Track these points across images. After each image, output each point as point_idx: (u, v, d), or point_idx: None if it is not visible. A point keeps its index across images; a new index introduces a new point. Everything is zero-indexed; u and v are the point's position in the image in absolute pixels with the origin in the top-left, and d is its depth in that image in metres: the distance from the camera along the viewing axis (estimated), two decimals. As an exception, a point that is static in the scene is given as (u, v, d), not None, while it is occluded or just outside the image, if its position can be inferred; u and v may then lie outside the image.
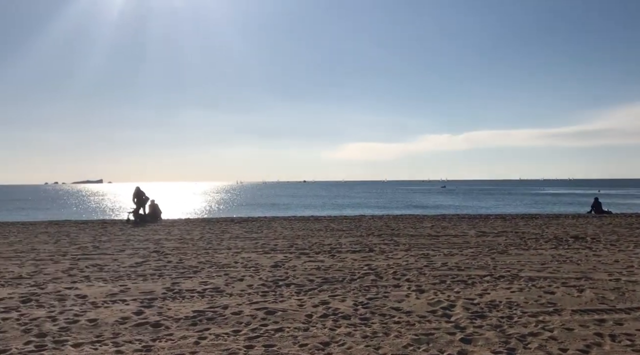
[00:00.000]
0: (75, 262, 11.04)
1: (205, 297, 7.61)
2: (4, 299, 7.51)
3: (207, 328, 6.01)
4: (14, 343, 5.48)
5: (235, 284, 8.59)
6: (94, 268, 10.27)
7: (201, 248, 13.38)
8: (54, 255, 12.17)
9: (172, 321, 6.29)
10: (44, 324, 6.20)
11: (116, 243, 14.72)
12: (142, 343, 5.47)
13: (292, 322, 6.24)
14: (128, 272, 9.72)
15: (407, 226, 19.62)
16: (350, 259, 11.23)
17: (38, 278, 9.23)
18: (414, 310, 6.80)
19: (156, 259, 11.49)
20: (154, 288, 8.24)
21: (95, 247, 13.71)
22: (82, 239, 16.00)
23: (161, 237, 16.35)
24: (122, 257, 11.75)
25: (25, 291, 8.08)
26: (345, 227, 19.33)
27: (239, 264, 10.71)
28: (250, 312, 6.69)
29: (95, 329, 6.00)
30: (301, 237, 15.84)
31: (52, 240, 15.67)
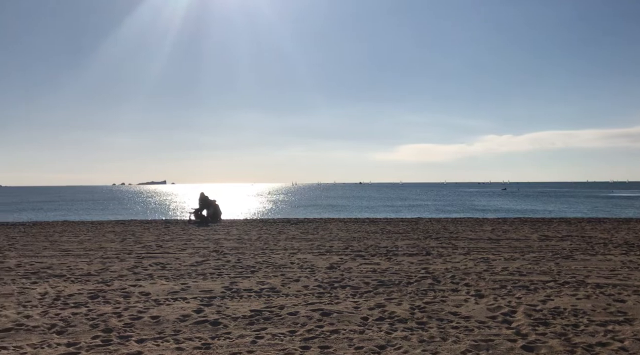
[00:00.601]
0: (140, 261, 11.50)
1: (262, 297, 7.72)
2: (74, 295, 7.92)
3: (264, 328, 6.10)
4: (83, 337, 5.76)
5: (291, 284, 8.68)
6: (157, 266, 10.66)
7: (258, 248, 13.60)
8: (120, 254, 12.72)
9: (230, 320, 6.43)
10: (110, 319, 6.48)
11: (178, 242, 15.21)
12: (201, 341, 5.62)
13: (347, 324, 6.23)
14: (189, 271, 10.02)
15: (466, 229, 19.17)
16: (407, 262, 11.09)
17: (105, 275, 9.67)
18: (472, 315, 6.63)
19: (215, 258, 11.78)
20: (213, 287, 8.45)
21: (159, 246, 14.22)
22: (146, 237, 16.64)
23: (220, 237, 16.75)
24: (184, 256, 12.13)
25: (93, 288, 8.49)
26: (402, 230, 19.12)
27: (295, 264, 10.81)
28: (306, 313, 6.73)
29: (157, 325, 6.22)
30: (357, 239, 15.80)
31: (119, 239, 16.39)
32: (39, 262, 11.27)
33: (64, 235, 17.58)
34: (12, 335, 5.83)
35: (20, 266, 10.76)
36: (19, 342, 5.58)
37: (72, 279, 9.25)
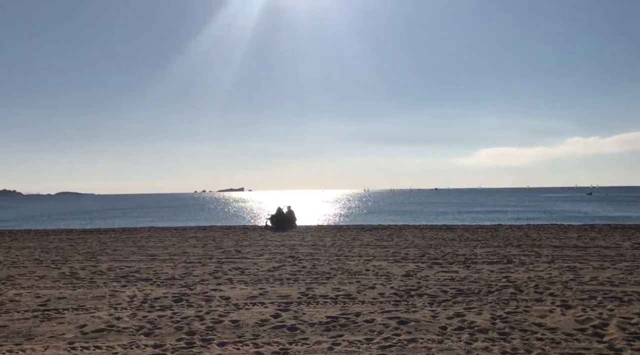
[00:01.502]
0: (220, 265, 11.90)
1: (338, 304, 7.74)
2: (160, 298, 8.32)
3: (341, 334, 6.11)
4: (168, 339, 6.03)
5: (366, 291, 8.64)
6: (236, 271, 10.98)
7: (333, 254, 13.66)
8: (201, 259, 13.23)
9: (307, 325, 6.49)
10: (193, 322, 6.75)
11: (255, 248, 15.60)
12: (279, 345, 5.71)
13: (425, 333, 6.11)
14: (266, 276, 10.24)
15: (550, 236, 18.25)
16: (487, 271, 10.72)
17: (188, 279, 10.09)
18: (559, 327, 6.29)
19: (291, 264, 11.97)
20: (289, 292, 8.58)
21: (237, 251, 14.65)
22: (226, 243, 17.20)
23: (296, 242, 17.00)
24: (261, 261, 12.42)
25: (177, 291, 8.87)
26: (481, 237, 18.51)
27: (370, 271, 10.76)
28: (382, 321, 6.67)
29: (237, 329, 6.40)
30: (433, 247, 15.48)
31: (200, 244, 17.06)
32: (128, 267, 11.95)
33: (150, 241, 18.54)
34: (105, 335, 6.21)
35: (111, 270, 11.45)
36: (111, 342, 5.93)
37: (158, 283, 9.73)
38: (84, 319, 7.00)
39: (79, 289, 9.19)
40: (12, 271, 11.50)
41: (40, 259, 13.62)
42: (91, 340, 5.99)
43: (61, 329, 6.52)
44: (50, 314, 7.30)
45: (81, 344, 5.87)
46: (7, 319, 7.04)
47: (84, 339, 6.07)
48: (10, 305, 7.93)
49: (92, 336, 6.17)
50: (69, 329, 6.50)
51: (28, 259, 13.82)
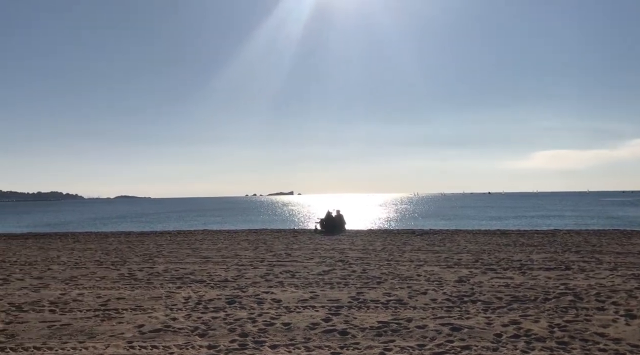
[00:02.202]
0: (271, 268, 12.04)
1: (389, 309, 7.68)
2: (213, 300, 8.50)
3: (392, 340, 6.05)
4: (222, 340, 6.15)
5: (418, 297, 8.52)
6: (287, 274, 11.08)
7: (383, 259, 13.56)
8: (253, 261, 13.43)
9: (358, 330, 6.47)
10: (246, 324, 6.86)
11: (305, 251, 15.69)
12: (330, 350, 5.72)
13: (479, 341, 5.97)
14: (316, 280, 10.28)
15: (612, 242, 17.44)
16: (544, 277, 10.36)
17: (240, 282, 10.26)
18: (623, 337, 5.99)
19: (341, 268, 11.96)
20: (340, 296, 8.58)
21: (288, 255, 14.78)
22: (276, 246, 17.40)
23: (345, 246, 16.98)
24: (311, 265, 12.48)
25: (230, 293, 9.05)
26: (537, 242, 17.91)
27: (421, 277, 10.61)
28: (434, 327, 6.56)
29: (289, 332, 6.46)
30: (487, 252, 15.10)
31: (252, 247, 17.32)
32: (183, 268, 12.28)
33: (203, 243, 18.99)
34: (162, 335, 6.41)
35: (167, 271, 11.81)
36: (167, 342, 6.11)
37: (211, 285, 9.95)
38: (142, 319, 7.25)
39: (137, 290, 9.52)
40: (75, 272, 12.05)
41: (101, 261, 14.20)
42: (149, 340, 6.19)
43: (120, 328, 6.77)
44: (110, 314, 7.59)
45: (139, 343, 6.07)
46: (71, 318, 7.38)
47: (142, 338, 6.28)
48: (73, 304, 8.31)
49: (149, 336, 6.38)
50: (128, 328, 6.74)
51: (89, 260, 14.44)
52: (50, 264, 13.66)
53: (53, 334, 6.54)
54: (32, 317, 7.43)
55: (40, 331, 6.65)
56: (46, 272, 12.10)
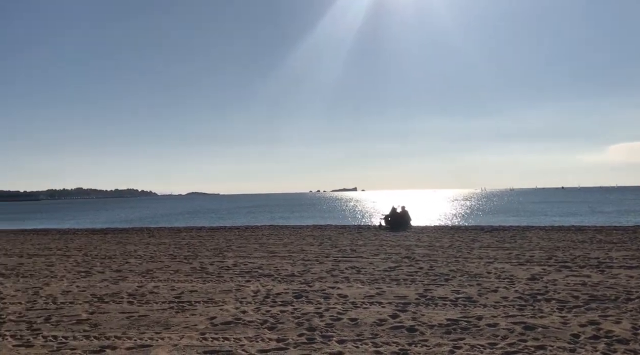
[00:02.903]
0: (337, 264, 12.10)
1: (458, 306, 7.52)
2: (281, 294, 8.65)
3: (462, 338, 5.92)
4: (290, 334, 6.25)
5: (488, 294, 8.29)
6: (352, 270, 11.10)
7: (451, 256, 13.29)
8: (318, 257, 13.55)
9: (427, 327, 6.38)
10: (313, 319, 6.93)
11: (370, 247, 15.64)
12: (398, 346, 5.68)
13: (555, 341, 5.72)
14: (382, 276, 10.22)
15: (701, 239, 16.20)
16: (625, 276, 9.78)
17: (307, 276, 10.38)
18: None
19: (408, 264, 11.83)
20: (407, 293, 8.49)
21: (353, 251, 14.80)
22: (341, 242, 17.46)
23: (411, 243, 16.78)
24: (377, 261, 12.43)
25: (297, 288, 9.17)
26: (616, 239, 16.94)
27: (491, 274, 10.31)
28: (506, 326, 6.36)
29: (356, 328, 6.47)
30: (561, 249, 14.45)
31: (317, 242, 17.48)
32: (251, 263, 12.58)
33: (270, 239, 19.37)
34: (232, 328, 6.59)
35: (236, 266, 12.13)
36: (238, 334, 6.28)
37: (278, 279, 10.13)
38: (214, 311, 7.49)
39: (208, 283, 9.85)
40: (151, 265, 12.63)
41: (174, 255, 14.80)
42: (220, 332, 6.39)
43: (194, 320, 7.03)
44: (184, 306, 7.90)
45: (211, 335, 6.28)
46: (148, 309, 7.74)
47: (214, 330, 6.49)
48: (150, 296, 8.72)
49: (221, 328, 6.58)
50: (201, 320, 6.99)
51: (164, 254, 15.09)
52: (127, 257, 14.39)
53: (132, 324, 6.89)
54: (113, 308, 7.86)
55: (120, 321, 7.03)
56: (124, 265, 12.77)
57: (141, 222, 42.60)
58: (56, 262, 13.53)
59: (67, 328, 6.71)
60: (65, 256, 15.04)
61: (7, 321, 7.12)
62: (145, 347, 5.86)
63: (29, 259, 14.36)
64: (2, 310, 7.78)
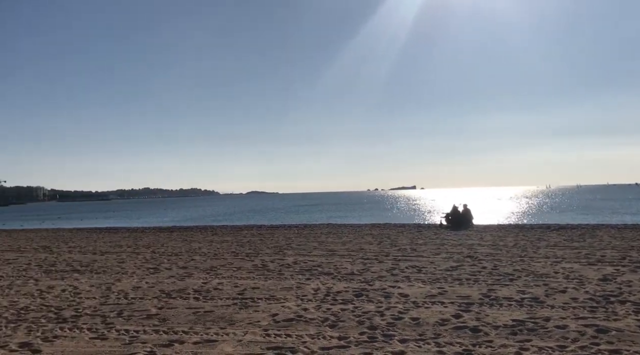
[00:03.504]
0: (397, 263, 12.00)
1: (524, 307, 7.28)
2: (341, 292, 8.69)
3: (529, 339, 5.74)
4: (351, 332, 6.27)
5: (556, 295, 7.98)
6: (413, 269, 10.98)
7: (516, 255, 12.88)
8: (378, 255, 13.49)
9: (491, 328, 6.23)
10: (374, 317, 6.91)
11: (431, 246, 15.41)
12: (462, 346, 5.57)
13: (631, 345, 5.44)
14: (444, 275, 10.05)
15: None
16: None
17: (366, 275, 10.37)
18: None
19: (470, 264, 11.57)
20: (470, 293, 8.31)
21: (413, 250, 14.62)
22: (401, 241, 17.30)
23: (474, 242, 16.39)
24: (438, 260, 12.23)
25: (356, 286, 9.18)
26: (698, 238, 15.85)
27: (559, 274, 9.91)
28: (576, 328, 6.10)
29: (417, 327, 6.40)
30: (636, 249, 13.68)
31: (376, 241, 17.40)
32: (311, 261, 12.70)
33: (329, 237, 19.47)
34: (294, 325, 6.69)
35: (296, 263, 12.28)
36: (300, 331, 6.36)
37: (338, 277, 10.17)
38: (276, 308, 7.63)
39: (270, 280, 10.03)
40: (215, 262, 13.00)
41: (237, 252, 15.17)
42: (282, 329, 6.50)
43: (257, 316, 7.19)
44: (247, 302, 8.09)
45: (274, 331, 6.40)
46: (213, 305, 7.98)
47: (276, 327, 6.61)
48: (214, 292, 8.98)
49: (283, 325, 6.69)
50: (264, 317, 7.14)
51: (227, 251, 15.49)
52: (193, 254, 14.89)
53: (198, 319, 7.12)
54: (180, 304, 8.16)
55: (187, 317, 7.28)
56: (190, 262, 13.21)
57: (204, 220, 43.90)
58: (126, 259, 14.20)
59: (138, 322, 7.03)
60: (134, 253, 15.75)
61: (84, 315, 7.54)
62: (211, 342, 6.05)
63: (102, 256, 15.14)
64: (79, 305, 8.25)
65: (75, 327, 6.86)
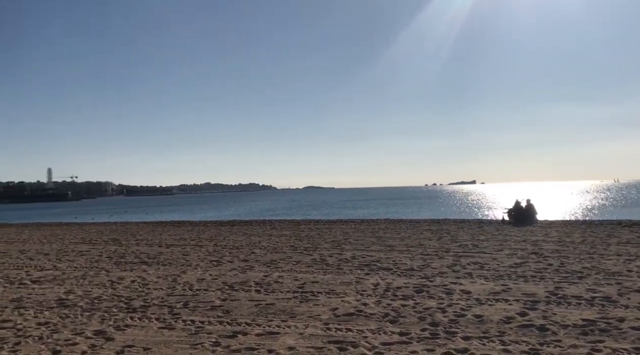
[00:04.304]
0: (457, 259, 11.76)
1: (595, 306, 6.97)
2: (401, 288, 8.61)
3: (601, 340, 5.49)
4: (413, 328, 6.21)
5: (630, 295, 7.58)
6: (475, 266, 10.73)
7: (584, 252, 12.33)
8: (438, 251, 13.27)
9: (559, 327, 6.00)
10: (435, 314, 6.82)
11: (493, 242, 15.00)
12: (528, 345, 5.40)
13: None
14: (508, 272, 9.77)
15: None
16: None
17: (426, 271, 10.23)
18: None
19: (535, 260, 11.18)
20: (535, 290, 8.04)
21: (474, 246, 14.28)
22: (461, 236, 16.94)
23: (538, 238, 15.82)
24: (501, 257, 11.89)
25: (416, 282, 9.07)
26: None
27: (633, 272, 9.41)
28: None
29: (481, 325, 6.26)
30: None
31: (435, 237, 17.12)
32: (369, 256, 12.67)
33: (387, 232, 19.33)
34: (354, 319, 6.70)
35: (355, 258, 12.28)
36: (360, 326, 6.37)
37: (398, 273, 10.09)
38: (335, 302, 7.66)
39: (329, 275, 10.09)
40: (274, 256, 13.21)
41: (295, 246, 15.35)
42: (343, 323, 6.52)
43: (317, 310, 7.25)
44: (307, 296, 8.17)
45: (335, 325, 6.43)
46: (274, 298, 8.12)
47: (336, 321, 6.64)
48: (275, 285, 9.13)
49: (343, 319, 6.72)
50: (324, 310, 7.19)
51: (285, 245, 15.71)
52: (253, 248, 15.19)
53: (260, 311, 7.27)
54: (242, 296, 8.35)
55: (249, 309, 7.45)
56: (250, 255, 13.49)
57: (263, 214, 44.68)
58: (190, 252, 14.67)
59: (203, 313, 7.26)
60: (198, 246, 16.25)
61: (152, 305, 7.86)
62: (273, 334, 6.16)
63: (167, 249, 15.72)
64: (147, 295, 8.61)
65: (145, 316, 7.17)
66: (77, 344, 5.93)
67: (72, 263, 12.94)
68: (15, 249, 17.06)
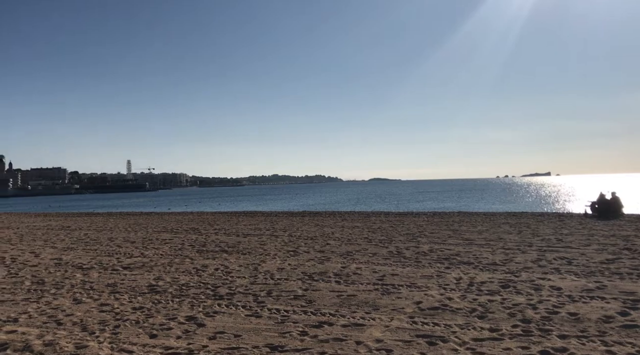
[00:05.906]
0: (542, 254, 11.27)
1: None
2: (486, 283, 8.35)
3: None
4: (503, 324, 5.99)
5: None
6: (561, 261, 10.23)
7: (684, 249, 11.44)
8: (520, 245, 12.77)
9: (667, 330, 5.59)
10: (526, 310, 6.55)
11: (579, 237, 14.26)
12: (635, 347, 5.07)
13: None
14: (600, 269, 9.24)
15: None
16: None
17: (510, 266, 9.86)
18: None
19: (629, 257, 10.51)
20: (635, 289, 7.54)
21: (558, 240, 13.63)
22: (542, 230, 16.23)
23: (629, 233, 14.87)
24: (589, 252, 11.27)
25: (501, 277, 8.77)
26: None
27: None
28: None
29: (577, 323, 5.94)
30: None
31: (515, 230, 16.50)
32: (448, 249, 12.39)
33: (462, 225, 18.85)
34: (440, 314, 6.55)
35: (433, 252, 12.06)
36: (447, 321, 6.22)
37: (480, 267, 9.80)
38: (418, 296, 7.54)
39: (408, 268, 9.96)
40: (349, 247, 13.22)
41: (369, 238, 15.28)
42: (429, 317, 6.40)
43: (400, 303, 7.16)
44: (388, 289, 8.09)
45: (420, 319, 6.32)
46: (355, 289, 8.11)
47: (422, 314, 6.53)
48: (354, 277, 9.13)
49: (428, 313, 6.59)
50: (407, 304, 7.09)
51: (359, 237, 15.68)
52: (327, 239, 15.28)
53: (342, 302, 7.28)
54: (323, 286, 8.40)
55: (332, 299, 7.47)
56: (325, 246, 13.57)
57: (333, 206, 44.90)
58: (267, 241, 14.97)
59: (287, 302, 7.37)
60: (273, 236, 16.56)
61: (237, 293, 8.07)
62: (359, 325, 6.14)
63: (245, 238, 16.13)
64: (231, 283, 8.86)
65: (231, 304, 7.37)
66: (172, 329, 6.18)
67: (157, 251, 13.55)
68: (104, 236, 18.09)
